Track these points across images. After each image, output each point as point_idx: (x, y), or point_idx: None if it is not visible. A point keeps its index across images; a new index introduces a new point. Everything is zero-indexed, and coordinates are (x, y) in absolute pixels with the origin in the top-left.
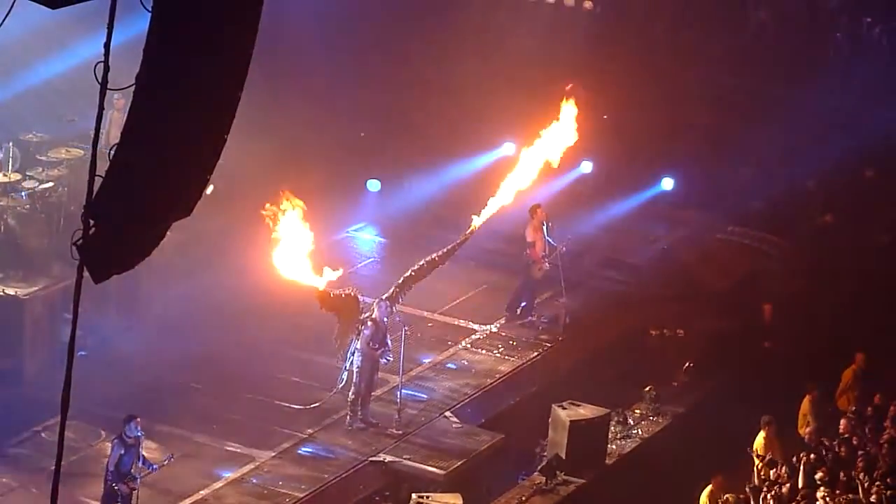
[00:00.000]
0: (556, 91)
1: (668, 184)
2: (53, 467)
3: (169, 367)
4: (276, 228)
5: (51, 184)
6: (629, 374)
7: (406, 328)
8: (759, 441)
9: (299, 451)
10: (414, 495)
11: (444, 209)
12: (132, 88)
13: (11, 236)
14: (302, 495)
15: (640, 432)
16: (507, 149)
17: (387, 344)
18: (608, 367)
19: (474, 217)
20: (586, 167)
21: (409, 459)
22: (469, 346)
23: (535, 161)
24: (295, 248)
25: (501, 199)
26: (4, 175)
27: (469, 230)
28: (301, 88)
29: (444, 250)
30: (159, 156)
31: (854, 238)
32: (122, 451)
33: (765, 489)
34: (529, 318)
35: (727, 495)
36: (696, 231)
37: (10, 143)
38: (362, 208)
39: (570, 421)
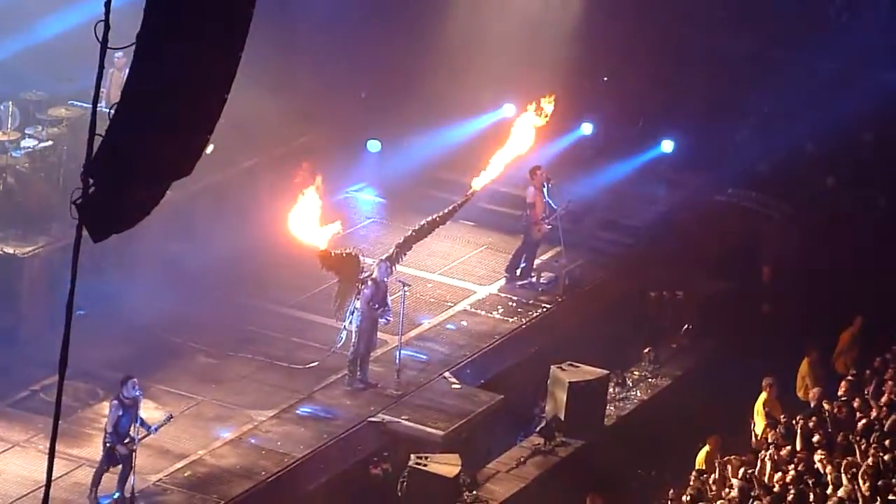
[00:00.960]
0: (555, 53)
1: (667, 146)
2: (51, 427)
3: (168, 327)
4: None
5: (50, 143)
6: (628, 336)
7: (406, 288)
8: (760, 403)
9: (298, 412)
10: (413, 456)
11: (444, 170)
12: (133, 48)
13: (10, 195)
14: (301, 455)
15: (638, 394)
16: (507, 110)
17: (387, 304)
18: (607, 328)
19: (474, 178)
20: (586, 129)
21: (407, 420)
22: (469, 307)
23: (529, 128)
24: (299, 208)
25: (502, 162)
26: (4, 133)
27: (469, 191)
28: (302, 49)
29: (445, 211)
30: (159, 115)
31: (853, 201)
32: (121, 412)
33: (763, 451)
34: (529, 279)
35: (730, 457)
36: (696, 193)
37: (10, 102)
38: (362, 169)
39: (570, 382)
